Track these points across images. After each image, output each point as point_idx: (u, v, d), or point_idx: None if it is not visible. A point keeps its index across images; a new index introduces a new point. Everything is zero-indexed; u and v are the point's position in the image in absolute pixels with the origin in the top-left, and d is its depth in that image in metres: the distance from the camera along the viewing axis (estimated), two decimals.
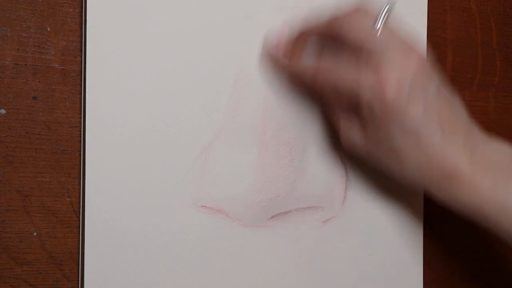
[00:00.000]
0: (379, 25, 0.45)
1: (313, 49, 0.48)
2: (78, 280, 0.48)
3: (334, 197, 0.54)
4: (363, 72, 0.43)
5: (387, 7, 0.46)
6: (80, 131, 0.48)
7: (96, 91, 0.47)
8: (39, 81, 0.47)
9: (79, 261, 0.48)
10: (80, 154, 0.48)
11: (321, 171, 0.53)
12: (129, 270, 0.48)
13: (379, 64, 0.43)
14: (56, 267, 0.48)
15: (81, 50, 0.48)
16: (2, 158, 0.46)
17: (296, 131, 0.52)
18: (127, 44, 0.47)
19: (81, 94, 0.48)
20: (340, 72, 0.45)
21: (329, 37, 0.46)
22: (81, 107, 0.48)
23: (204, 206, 0.50)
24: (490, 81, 0.62)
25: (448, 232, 0.60)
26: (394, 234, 0.56)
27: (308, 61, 0.47)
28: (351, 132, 0.47)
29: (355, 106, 0.45)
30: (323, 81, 0.46)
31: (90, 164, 0.47)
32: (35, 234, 0.47)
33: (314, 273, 0.53)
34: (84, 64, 0.47)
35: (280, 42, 0.49)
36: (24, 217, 0.47)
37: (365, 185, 0.55)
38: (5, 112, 0.47)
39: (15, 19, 0.47)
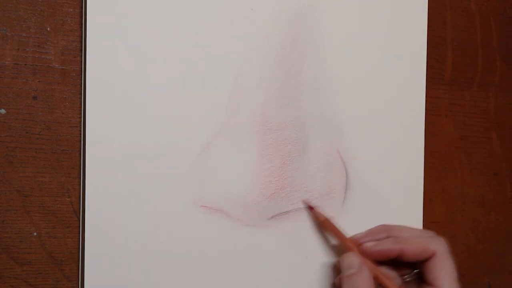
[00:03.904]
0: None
1: None
2: (78, 280, 0.48)
3: (334, 197, 0.54)
4: None
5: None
6: (80, 131, 0.48)
7: (96, 91, 0.47)
8: (39, 81, 0.47)
9: (79, 261, 0.48)
10: (80, 154, 0.48)
11: (321, 171, 0.53)
12: (129, 270, 0.48)
13: None
14: (56, 267, 0.48)
15: (81, 50, 0.48)
16: (2, 158, 0.46)
17: (296, 131, 0.53)
18: (127, 44, 0.47)
19: (81, 94, 0.48)
20: None
21: None
22: (81, 107, 0.48)
23: (204, 206, 0.50)
24: (490, 81, 0.62)
25: (446, 232, 0.60)
26: None
27: None
28: None
29: None
30: None
31: (90, 164, 0.47)
32: (35, 234, 0.47)
33: (314, 273, 0.53)
34: (84, 64, 0.47)
35: None
36: (24, 217, 0.47)
37: (365, 185, 0.55)
38: (5, 112, 0.47)
39: (15, 19, 0.47)
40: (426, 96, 0.57)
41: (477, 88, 0.62)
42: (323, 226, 0.52)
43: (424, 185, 0.57)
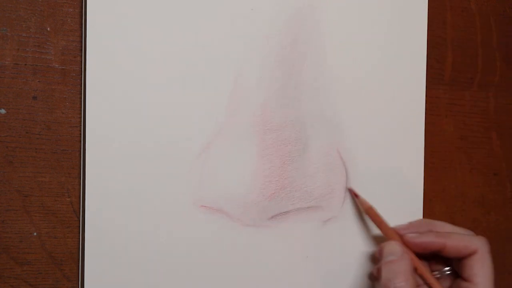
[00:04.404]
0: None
1: None
2: (78, 280, 0.48)
3: (334, 197, 0.54)
4: None
5: None
6: (80, 131, 0.48)
7: (96, 91, 0.47)
8: (39, 81, 0.47)
9: (79, 261, 0.48)
10: (80, 154, 0.48)
11: (321, 171, 0.53)
12: (129, 270, 0.48)
13: None
14: (56, 267, 0.48)
15: (81, 50, 0.48)
16: (2, 158, 0.46)
17: (296, 131, 0.53)
18: (127, 44, 0.47)
19: (81, 94, 0.48)
20: None
21: None
22: (81, 107, 0.48)
23: (204, 206, 0.50)
24: (490, 81, 0.62)
25: None
26: None
27: None
28: None
29: None
30: None
31: (90, 164, 0.47)
32: (35, 234, 0.47)
33: (314, 273, 0.53)
34: (84, 64, 0.47)
35: None
36: (24, 217, 0.47)
37: (365, 185, 0.55)
38: (5, 112, 0.47)
39: (15, 19, 0.47)
40: (426, 96, 0.57)
41: (477, 88, 0.62)
42: (367, 214, 0.53)
43: (424, 185, 0.57)
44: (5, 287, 0.47)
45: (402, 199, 0.56)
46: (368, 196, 0.55)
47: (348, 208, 0.54)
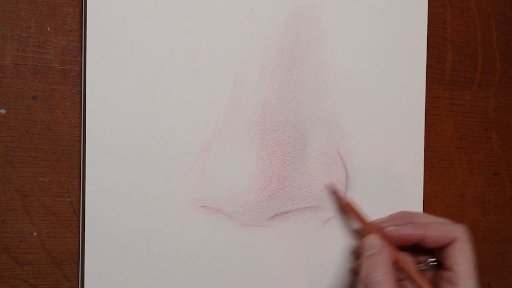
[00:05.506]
0: None
1: None
2: (78, 280, 0.48)
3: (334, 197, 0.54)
4: None
5: None
6: (80, 131, 0.48)
7: (96, 91, 0.47)
8: (39, 81, 0.47)
9: (79, 261, 0.48)
10: (80, 154, 0.48)
11: (321, 171, 0.53)
12: (129, 270, 0.48)
13: None
14: (56, 267, 0.48)
15: (81, 50, 0.48)
16: (2, 158, 0.47)
17: (296, 131, 0.53)
18: (127, 44, 0.47)
19: (81, 94, 0.48)
20: None
21: None
22: (81, 107, 0.48)
23: (204, 206, 0.50)
24: (490, 81, 0.62)
25: None
26: None
27: None
28: None
29: None
30: None
31: (90, 164, 0.47)
32: (35, 234, 0.47)
33: (314, 273, 0.53)
34: (84, 64, 0.47)
35: None
36: (24, 217, 0.47)
37: (365, 185, 0.55)
38: (5, 112, 0.47)
39: (15, 19, 0.47)
40: (426, 96, 0.57)
41: (477, 88, 0.62)
42: (345, 209, 0.53)
43: (424, 185, 0.57)
44: (5, 287, 0.47)
45: (402, 199, 0.56)
46: (368, 196, 0.55)
47: None
